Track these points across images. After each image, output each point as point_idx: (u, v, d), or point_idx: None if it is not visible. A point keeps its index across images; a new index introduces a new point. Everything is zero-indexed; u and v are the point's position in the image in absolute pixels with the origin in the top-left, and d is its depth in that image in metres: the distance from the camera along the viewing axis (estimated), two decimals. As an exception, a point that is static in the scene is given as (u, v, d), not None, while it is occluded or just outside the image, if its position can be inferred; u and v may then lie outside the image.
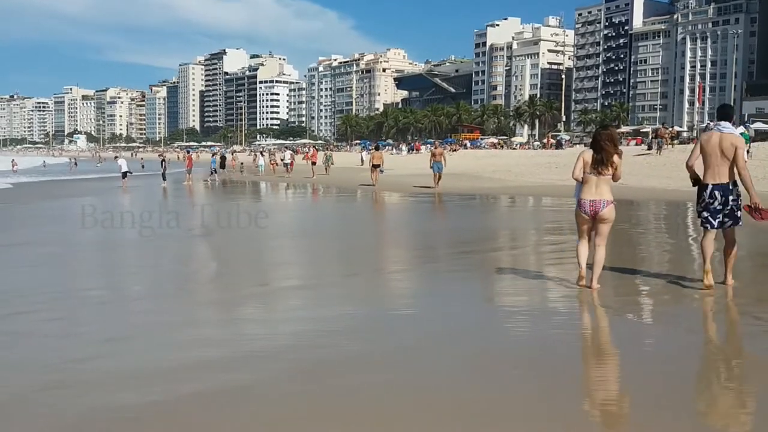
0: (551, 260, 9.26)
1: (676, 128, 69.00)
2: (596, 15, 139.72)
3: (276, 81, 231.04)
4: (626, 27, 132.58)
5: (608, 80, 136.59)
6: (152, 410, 3.95)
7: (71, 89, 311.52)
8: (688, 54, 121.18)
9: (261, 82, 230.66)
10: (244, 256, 10.42)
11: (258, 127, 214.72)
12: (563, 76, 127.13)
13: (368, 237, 13.56)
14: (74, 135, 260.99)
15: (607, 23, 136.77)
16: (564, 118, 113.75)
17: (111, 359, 5.01)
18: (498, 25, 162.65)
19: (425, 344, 5.27)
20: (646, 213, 16.91)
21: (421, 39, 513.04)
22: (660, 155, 34.97)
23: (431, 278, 8.43)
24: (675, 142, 43.75)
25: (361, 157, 52.54)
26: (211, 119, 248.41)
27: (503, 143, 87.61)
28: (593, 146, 6.80)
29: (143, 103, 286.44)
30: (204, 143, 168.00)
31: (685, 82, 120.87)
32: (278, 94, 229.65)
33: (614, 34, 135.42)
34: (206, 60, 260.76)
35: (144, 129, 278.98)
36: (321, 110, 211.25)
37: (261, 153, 53.74)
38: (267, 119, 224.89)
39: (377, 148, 30.77)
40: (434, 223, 16.20)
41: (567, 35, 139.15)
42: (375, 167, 27.72)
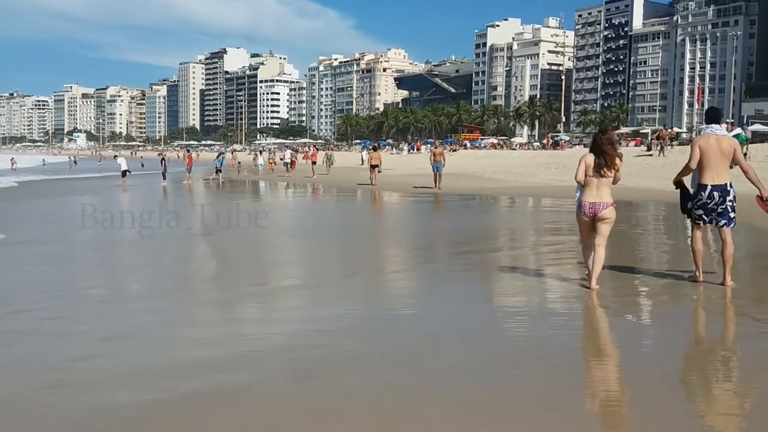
0: (551, 260, 9.26)
1: (676, 129, 69.08)
2: (596, 16, 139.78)
3: (276, 80, 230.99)
4: (626, 28, 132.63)
5: (608, 81, 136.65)
6: (151, 409, 3.96)
7: (71, 87, 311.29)
8: (688, 55, 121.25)
9: (261, 82, 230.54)
10: (244, 256, 10.43)
11: (258, 127, 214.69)
12: (563, 77, 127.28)
13: (368, 237, 13.55)
14: (74, 133, 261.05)
15: (607, 24, 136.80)
16: (564, 119, 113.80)
17: (111, 358, 5.01)
18: (498, 26, 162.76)
19: (425, 344, 5.28)
20: (645, 214, 16.92)
21: (422, 39, 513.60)
22: (662, 156, 35.13)
23: (431, 278, 8.43)
24: (674, 144, 43.84)
25: (362, 157, 52.56)
26: (212, 118, 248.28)
27: (503, 144, 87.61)
28: (593, 150, 6.88)
29: (143, 102, 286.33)
30: (204, 142, 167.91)
31: (685, 84, 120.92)
32: (279, 94, 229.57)
33: (614, 36, 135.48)
34: (207, 59, 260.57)
35: (144, 128, 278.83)
36: (321, 110, 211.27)
37: (260, 152, 53.73)
38: (267, 118, 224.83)
39: (375, 149, 31.64)
40: (434, 223, 16.21)
41: (567, 36, 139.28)
42: (374, 167, 28.48)
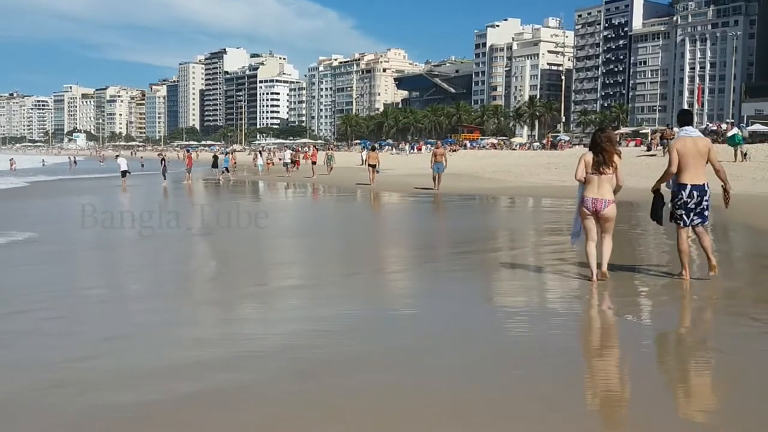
0: (551, 260, 9.26)
1: (675, 129, 68.96)
2: (596, 16, 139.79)
3: (276, 80, 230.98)
4: (626, 28, 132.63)
5: (608, 81, 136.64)
6: (151, 409, 3.96)
7: (71, 87, 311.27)
8: (688, 55, 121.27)
9: (261, 82, 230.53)
10: (243, 256, 10.43)
11: (258, 127, 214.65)
12: (563, 77, 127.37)
13: (368, 236, 13.55)
14: (74, 133, 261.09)
15: (607, 24, 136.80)
16: (564, 119, 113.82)
17: (111, 358, 5.02)
18: (498, 26, 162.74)
19: (425, 344, 5.27)
20: (645, 214, 16.82)
21: (422, 39, 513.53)
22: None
23: (431, 278, 8.43)
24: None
25: (361, 157, 52.69)
26: (211, 118, 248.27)
27: (503, 144, 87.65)
28: (592, 148, 7.16)
29: (143, 102, 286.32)
30: (204, 142, 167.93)
31: (685, 84, 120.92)
32: (278, 94, 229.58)
33: (614, 36, 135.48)
34: (206, 59, 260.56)
35: (144, 128, 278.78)
36: (321, 110, 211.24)
37: (260, 152, 53.77)
38: (267, 119, 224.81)
39: (373, 149, 32.83)
40: (434, 223, 16.21)
41: (567, 36, 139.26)
42: (371, 167, 28.78)
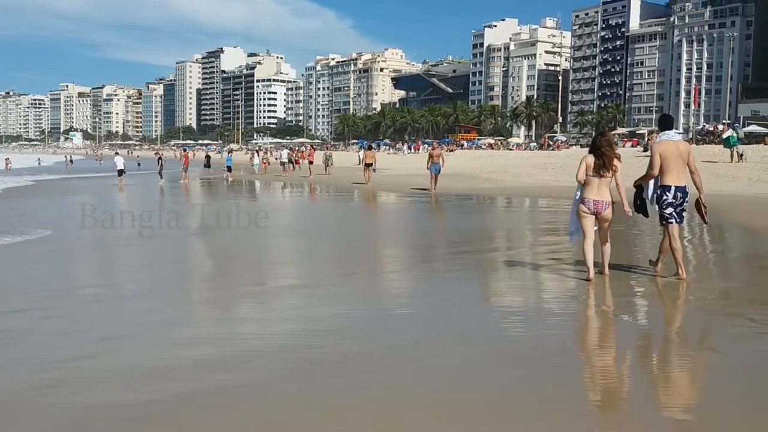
0: (547, 260, 9.28)
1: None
2: (593, 17, 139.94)
3: (273, 80, 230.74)
4: (623, 29, 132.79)
5: (605, 82, 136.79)
6: (150, 409, 3.97)
7: (67, 86, 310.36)
8: (684, 56, 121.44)
9: (258, 81, 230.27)
10: (241, 255, 10.43)
11: (255, 126, 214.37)
12: (560, 78, 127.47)
13: (365, 236, 13.56)
14: (70, 132, 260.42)
15: (604, 25, 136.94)
16: (560, 119, 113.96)
17: (109, 358, 5.02)
18: (495, 26, 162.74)
19: (423, 344, 5.29)
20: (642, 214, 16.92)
21: (419, 39, 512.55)
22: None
23: (428, 278, 8.44)
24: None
25: (359, 157, 52.77)
26: (208, 117, 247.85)
27: (500, 144, 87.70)
28: (593, 152, 7.36)
29: (140, 101, 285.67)
30: (201, 141, 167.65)
31: (681, 85, 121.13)
32: (276, 93, 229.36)
33: (611, 36, 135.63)
34: (203, 58, 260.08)
35: (140, 127, 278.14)
36: (318, 109, 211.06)
37: (257, 152, 53.76)
38: (264, 118, 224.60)
39: (369, 148, 33.17)
40: (431, 223, 16.22)
41: (564, 37, 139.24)
42: (368, 166, 28.88)
